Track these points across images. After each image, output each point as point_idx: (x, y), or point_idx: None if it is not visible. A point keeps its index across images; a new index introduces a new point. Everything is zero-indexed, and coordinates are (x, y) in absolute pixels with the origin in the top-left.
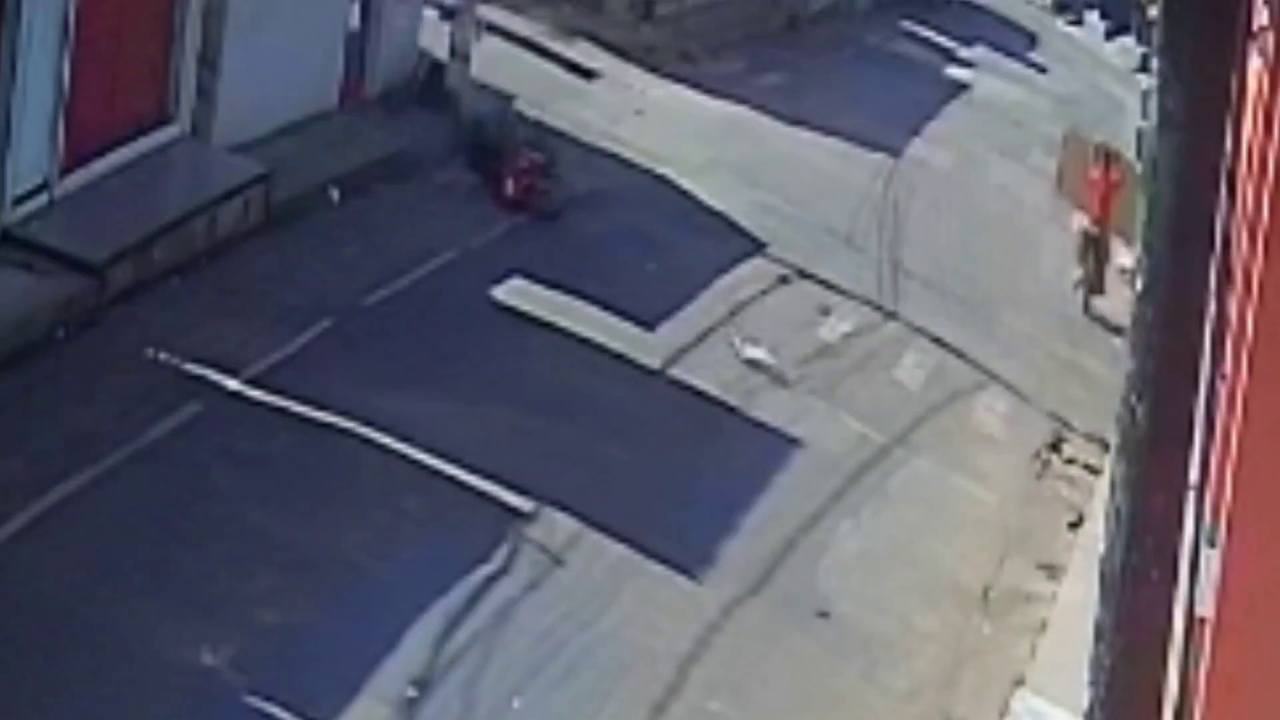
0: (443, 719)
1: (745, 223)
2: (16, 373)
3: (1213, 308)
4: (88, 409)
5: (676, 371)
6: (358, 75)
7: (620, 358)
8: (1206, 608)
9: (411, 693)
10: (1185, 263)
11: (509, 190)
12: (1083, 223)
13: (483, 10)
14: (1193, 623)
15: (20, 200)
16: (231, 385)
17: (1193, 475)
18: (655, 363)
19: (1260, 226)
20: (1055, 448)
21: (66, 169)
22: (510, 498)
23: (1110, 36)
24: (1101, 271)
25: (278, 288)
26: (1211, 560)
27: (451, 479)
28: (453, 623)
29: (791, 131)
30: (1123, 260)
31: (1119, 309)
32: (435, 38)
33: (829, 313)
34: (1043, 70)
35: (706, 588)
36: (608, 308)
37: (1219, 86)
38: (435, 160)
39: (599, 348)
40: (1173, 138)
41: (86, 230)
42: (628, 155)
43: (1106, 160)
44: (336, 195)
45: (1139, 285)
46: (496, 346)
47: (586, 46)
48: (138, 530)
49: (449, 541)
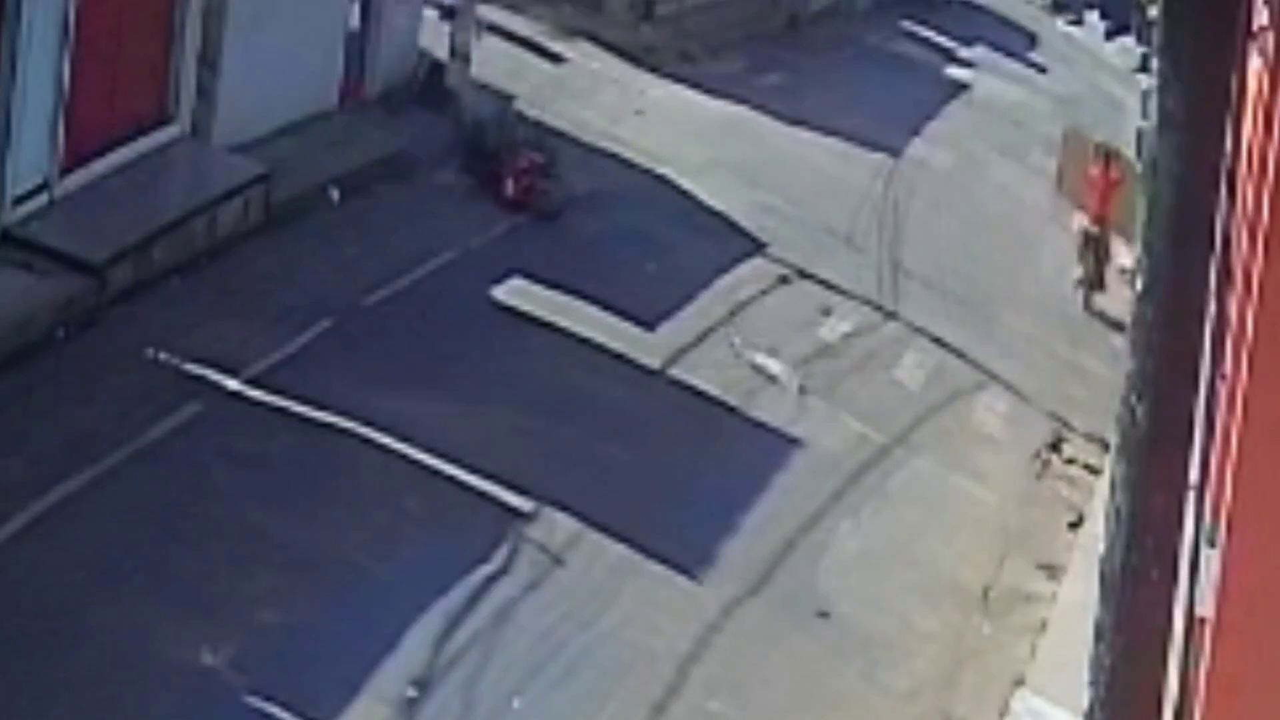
0: (443, 719)
1: (745, 223)
2: (16, 373)
3: (1213, 308)
4: (88, 409)
5: (676, 371)
6: (358, 75)
7: (620, 358)
8: (1206, 608)
9: (411, 693)
10: (1185, 263)
11: (509, 190)
12: (1083, 222)
13: (483, 10)
14: (1193, 623)
15: (20, 200)
16: (231, 385)
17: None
18: (655, 363)
19: (1260, 226)
20: (1055, 448)
21: (66, 169)
22: (510, 498)
23: (1110, 36)
24: (1101, 269)
25: (278, 288)
26: (1211, 560)
27: (451, 479)
28: (453, 623)
29: (791, 131)
30: (1123, 260)
31: (1119, 305)
32: (435, 38)
33: (829, 313)
34: (1043, 70)
35: (706, 588)
36: (608, 308)
37: (1219, 86)
38: (435, 160)
39: (599, 348)
40: (1173, 138)
41: (86, 230)
42: (628, 155)
43: (1106, 159)
44: (336, 195)
45: (1139, 285)
46: (496, 346)
47: (586, 46)
48: (138, 530)
49: (449, 541)
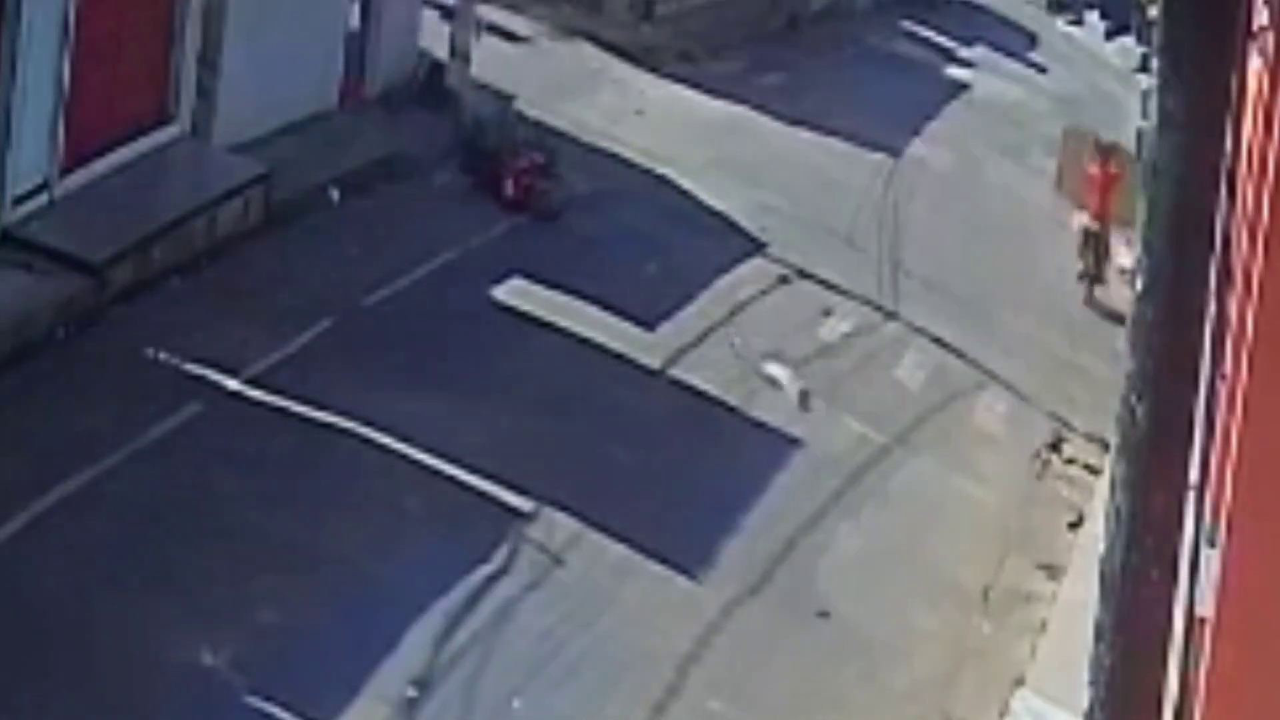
0: (443, 719)
1: (745, 223)
2: (16, 373)
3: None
4: (88, 409)
5: (676, 371)
6: (358, 75)
7: (620, 358)
8: (1206, 608)
9: (411, 693)
10: (1185, 263)
11: (509, 190)
12: (1083, 219)
13: (483, 10)
14: (1193, 623)
15: (20, 200)
16: (231, 385)
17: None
18: (655, 363)
19: (1260, 226)
20: (1055, 448)
21: (66, 169)
22: (510, 498)
23: (1110, 36)
24: (1101, 263)
25: (278, 288)
26: (1211, 560)
27: (451, 479)
28: (453, 623)
29: (791, 131)
30: (1123, 260)
31: (1120, 299)
32: (435, 38)
33: (830, 313)
34: (1043, 70)
35: (706, 588)
36: (608, 308)
37: (1219, 86)
38: (435, 160)
39: (599, 348)
40: (1173, 138)
41: (86, 230)
42: (628, 155)
43: (1105, 154)
44: (336, 195)
45: (1139, 285)
46: (496, 347)
47: (586, 46)
48: (138, 530)
49: (449, 541)
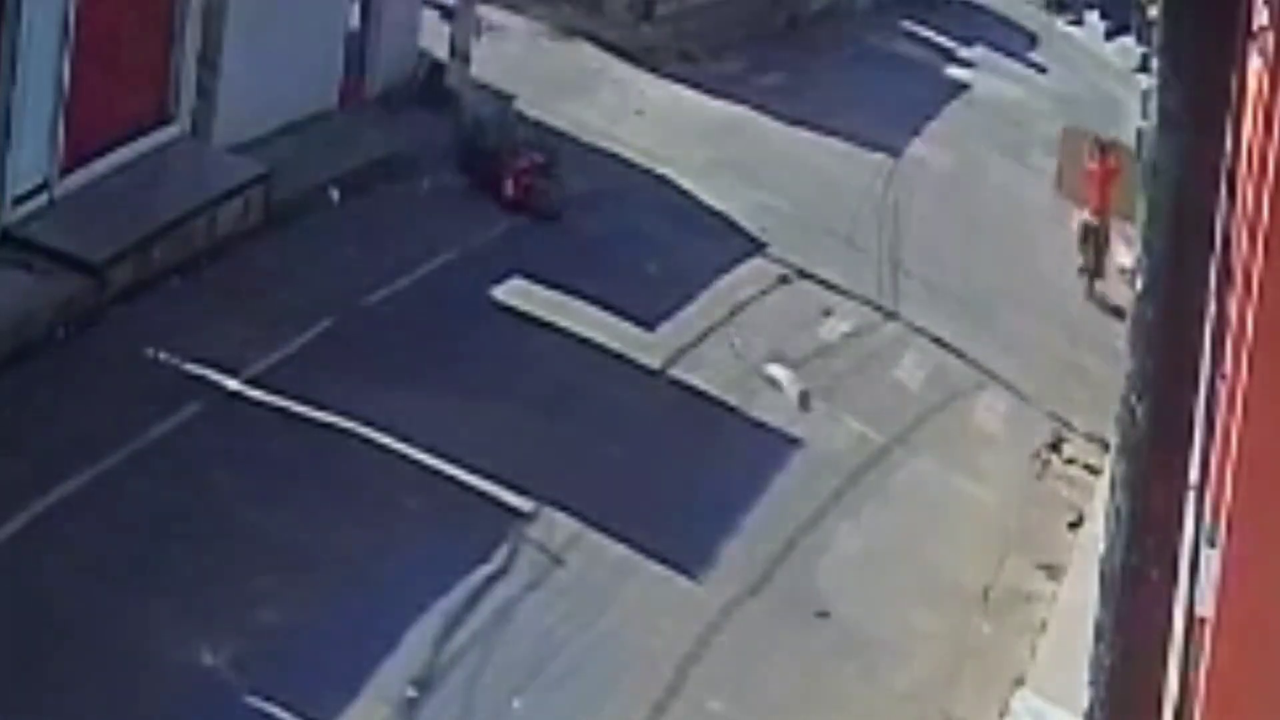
0: (442, 719)
1: (745, 223)
2: (16, 373)
3: (1213, 308)
4: (88, 409)
5: (676, 371)
6: (358, 75)
7: (620, 358)
8: (1206, 608)
9: (411, 693)
10: (1185, 263)
11: (509, 190)
12: (1082, 215)
13: (483, 10)
14: (1193, 623)
15: (20, 200)
16: (231, 385)
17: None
18: (655, 363)
19: (1260, 226)
20: (1055, 448)
21: (66, 169)
22: (510, 498)
23: (1110, 36)
24: (1101, 257)
25: (278, 288)
26: (1211, 560)
27: (451, 479)
28: (453, 623)
29: (791, 131)
30: (1123, 260)
31: (1120, 292)
32: (435, 38)
33: (830, 313)
34: (1043, 70)
35: (706, 588)
36: (608, 308)
37: (1219, 86)
38: (435, 160)
39: (599, 348)
40: (1173, 138)
41: (86, 230)
42: (628, 155)
43: (1103, 150)
44: (336, 195)
45: (1139, 285)
46: (496, 346)
47: (586, 46)
48: (138, 530)
49: (449, 541)
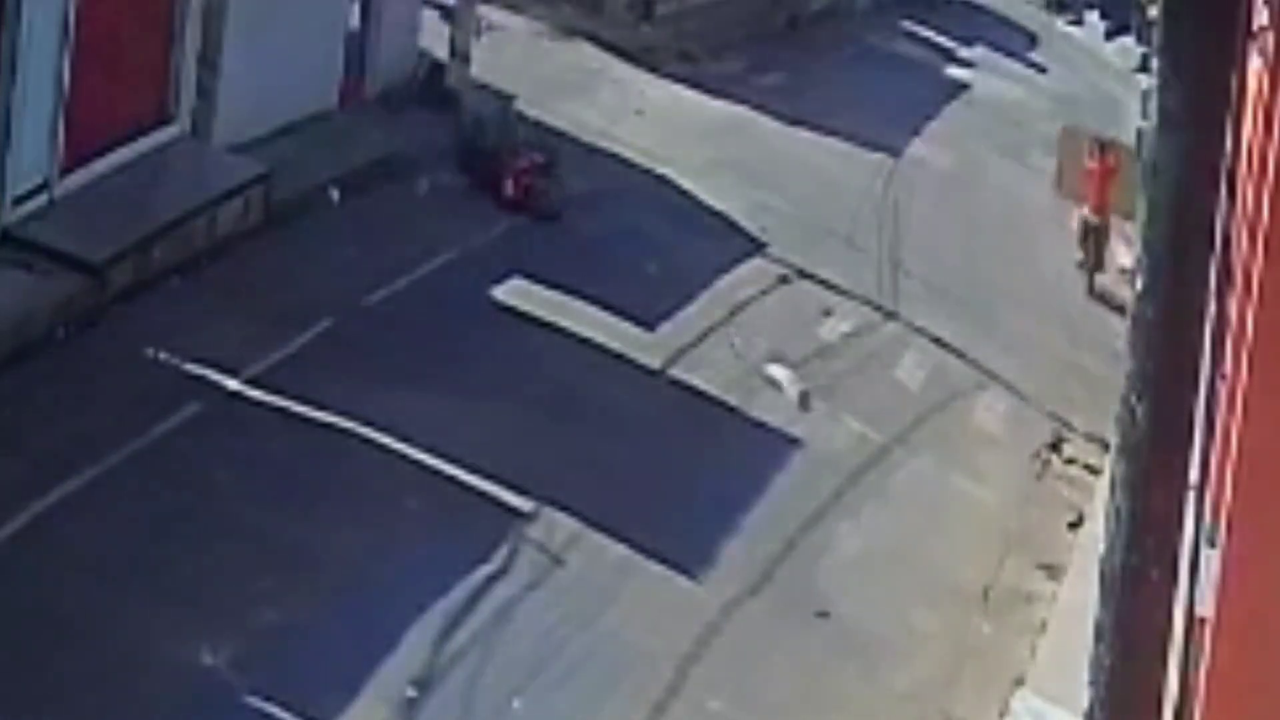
0: (442, 719)
1: (745, 223)
2: (16, 373)
3: (1213, 308)
4: (88, 409)
5: (676, 371)
6: (358, 75)
7: (620, 358)
8: (1206, 608)
9: (411, 693)
10: (1185, 263)
11: (509, 190)
12: (1082, 213)
13: (483, 10)
14: (1193, 623)
15: (20, 200)
16: (231, 385)
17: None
18: (655, 363)
19: (1260, 226)
20: (1055, 448)
21: (66, 169)
22: (510, 498)
23: (1110, 36)
24: (1101, 252)
25: (278, 288)
26: (1211, 560)
27: (451, 479)
28: (453, 623)
29: (791, 131)
30: (1123, 260)
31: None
32: (435, 38)
33: (830, 313)
34: (1043, 70)
35: (706, 588)
36: (608, 308)
37: (1219, 86)
38: (435, 160)
39: (599, 348)
40: (1173, 138)
41: (86, 230)
42: (628, 155)
43: (1102, 148)
44: (336, 195)
45: (1139, 285)
46: (497, 346)
47: (586, 46)
48: (138, 530)
49: (449, 541)
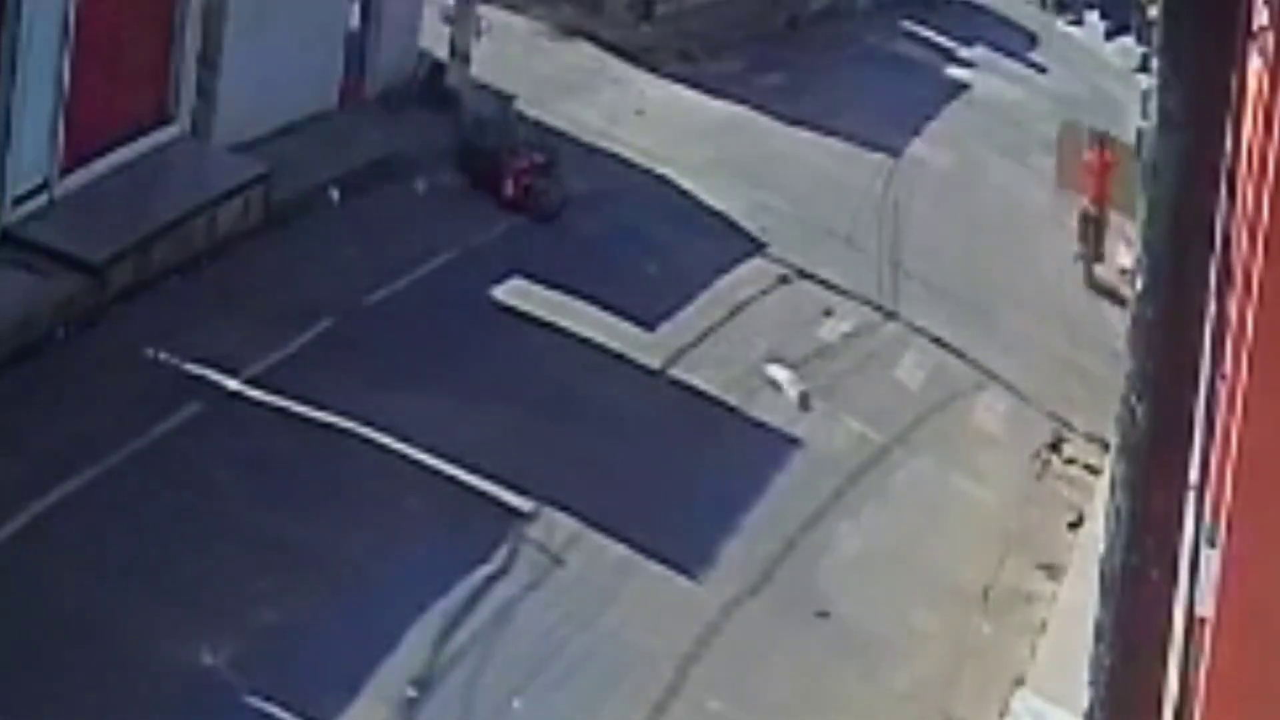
0: (442, 719)
1: (745, 223)
2: (16, 373)
3: (1213, 308)
4: (88, 409)
5: (676, 371)
6: (358, 75)
7: (620, 358)
8: (1206, 608)
9: (411, 693)
10: (1185, 263)
11: (508, 190)
12: (1081, 204)
13: (483, 10)
14: (1193, 623)
15: (20, 200)
16: (231, 385)
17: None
18: (655, 363)
19: (1260, 226)
20: (1055, 448)
21: (66, 169)
22: (510, 498)
23: (1110, 36)
24: (1100, 243)
25: (278, 288)
26: (1211, 560)
27: (451, 479)
28: (453, 623)
29: (791, 131)
30: (1123, 260)
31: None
32: (435, 38)
33: (830, 313)
34: (1043, 70)
35: (706, 588)
36: (608, 308)
37: (1219, 86)
38: (434, 160)
39: (599, 348)
40: (1173, 138)
41: (86, 230)
42: (628, 155)
43: (1101, 144)
44: (336, 195)
45: (1139, 285)
46: (496, 346)
47: (586, 46)
48: (138, 530)
49: (449, 541)
